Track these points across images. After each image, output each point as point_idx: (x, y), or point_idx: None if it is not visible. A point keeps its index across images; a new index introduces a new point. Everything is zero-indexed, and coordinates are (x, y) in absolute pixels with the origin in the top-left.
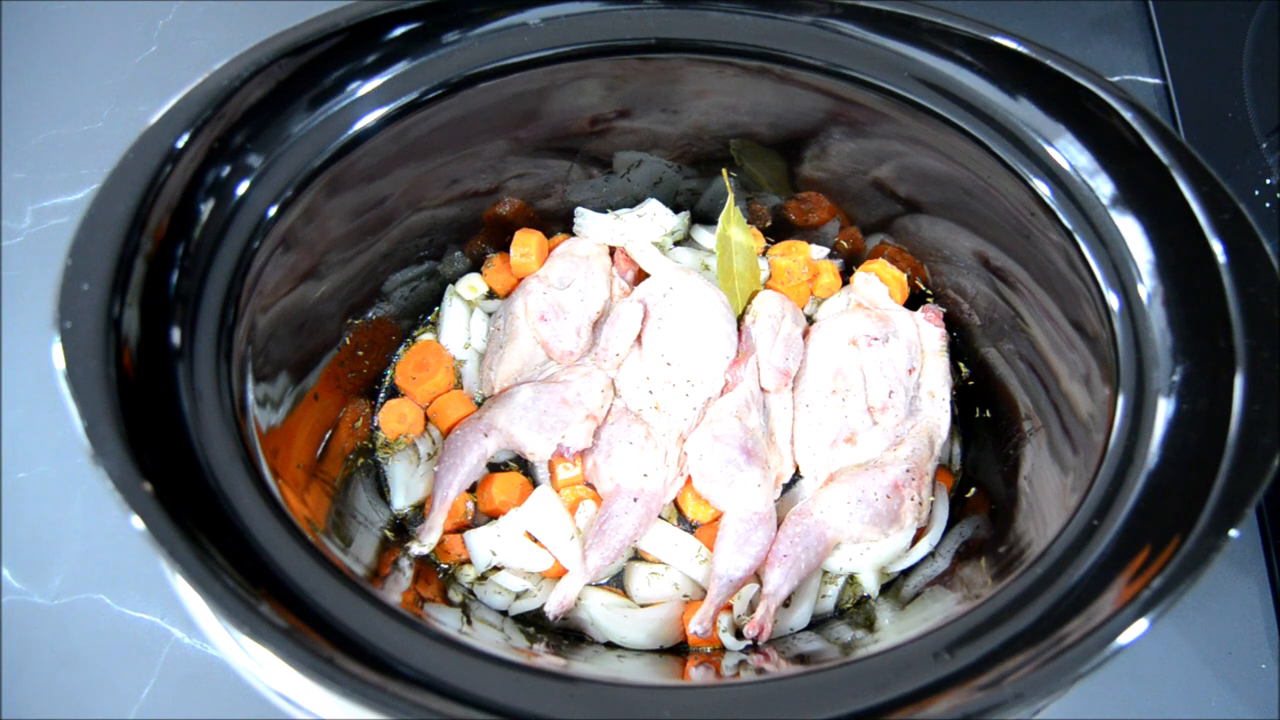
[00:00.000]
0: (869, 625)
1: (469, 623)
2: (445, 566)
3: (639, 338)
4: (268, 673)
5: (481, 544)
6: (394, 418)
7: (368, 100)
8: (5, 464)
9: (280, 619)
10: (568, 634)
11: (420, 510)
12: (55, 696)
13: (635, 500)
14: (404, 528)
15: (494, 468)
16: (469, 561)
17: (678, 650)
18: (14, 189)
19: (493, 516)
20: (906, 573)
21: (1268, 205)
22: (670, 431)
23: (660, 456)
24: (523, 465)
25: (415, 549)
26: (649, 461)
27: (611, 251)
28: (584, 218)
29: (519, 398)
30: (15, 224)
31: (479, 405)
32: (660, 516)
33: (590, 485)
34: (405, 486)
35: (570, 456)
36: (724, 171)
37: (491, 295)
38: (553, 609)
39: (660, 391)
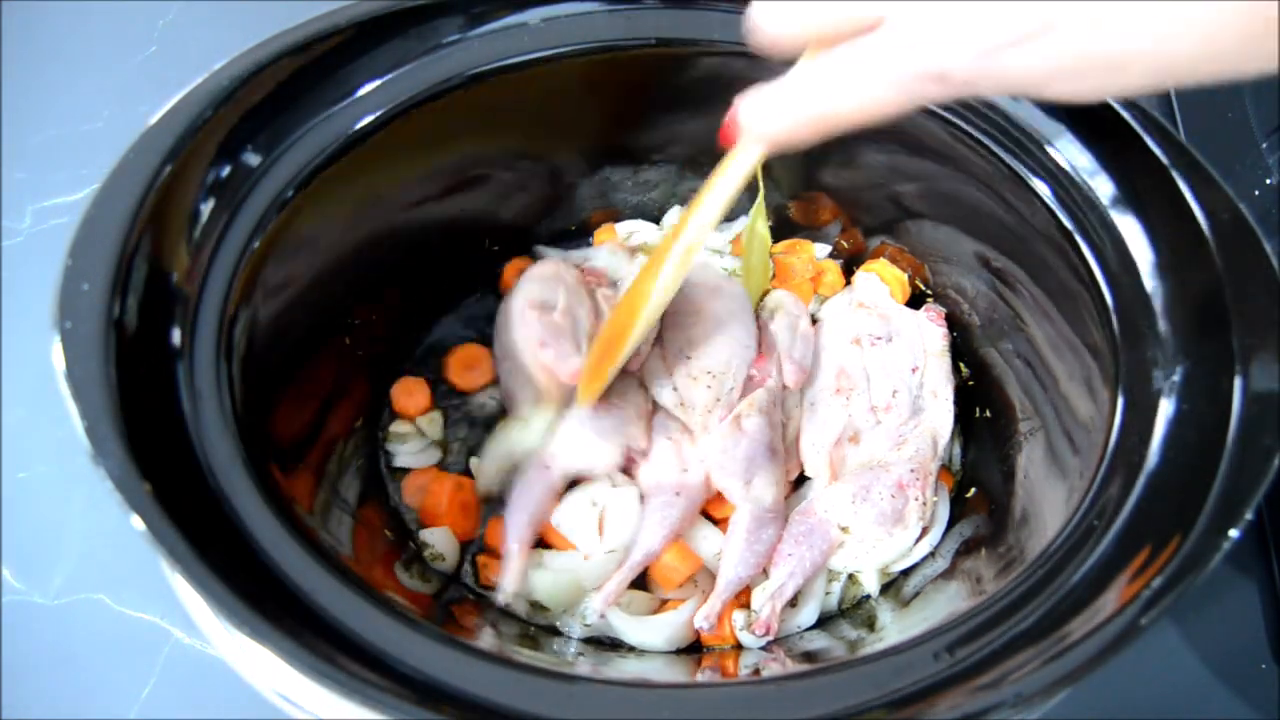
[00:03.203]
0: (870, 625)
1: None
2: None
3: (659, 334)
4: (268, 673)
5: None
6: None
7: (368, 100)
8: (5, 464)
9: (280, 619)
10: (591, 640)
11: (418, 508)
12: (55, 696)
13: (677, 494)
14: (404, 526)
15: None
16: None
17: (697, 649)
18: (14, 189)
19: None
20: (906, 573)
21: (1268, 205)
22: (699, 425)
23: (696, 451)
24: None
25: (500, 598)
26: (687, 456)
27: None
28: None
29: (570, 421)
30: (15, 224)
31: None
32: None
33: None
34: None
35: (638, 456)
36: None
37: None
38: (598, 605)
39: (684, 388)
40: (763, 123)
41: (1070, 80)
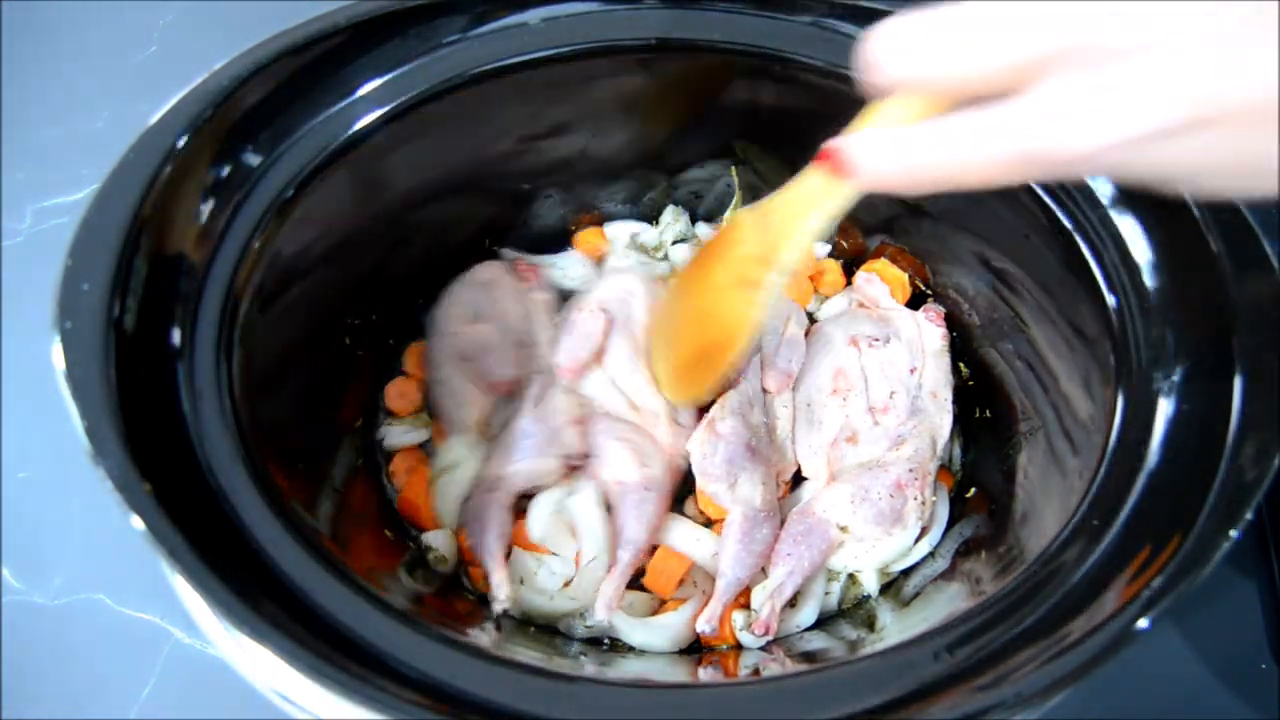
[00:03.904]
0: (870, 625)
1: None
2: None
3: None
4: (268, 673)
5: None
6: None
7: (368, 100)
8: (5, 464)
9: (280, 619)
10: (592, 640)
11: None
12: (55, 696)
13: (647, 490)
14: (402, 526)
15: None
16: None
17: (697, 649)
18: (14, 189)
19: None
20: (906, 573)
21: (1268, 205)
22: (650, 419)
23: (651, 444)
24: None
25: (496, 608)
26: (643, 450)
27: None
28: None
29: (506, 439)
30: (15, 224)
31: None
32: (683, 514)
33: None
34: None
35: (579, 461)
36: (733, 169)
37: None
38: (601, 612)
39: (632, 391)
40: (872, 167)
41: (1221, 178)
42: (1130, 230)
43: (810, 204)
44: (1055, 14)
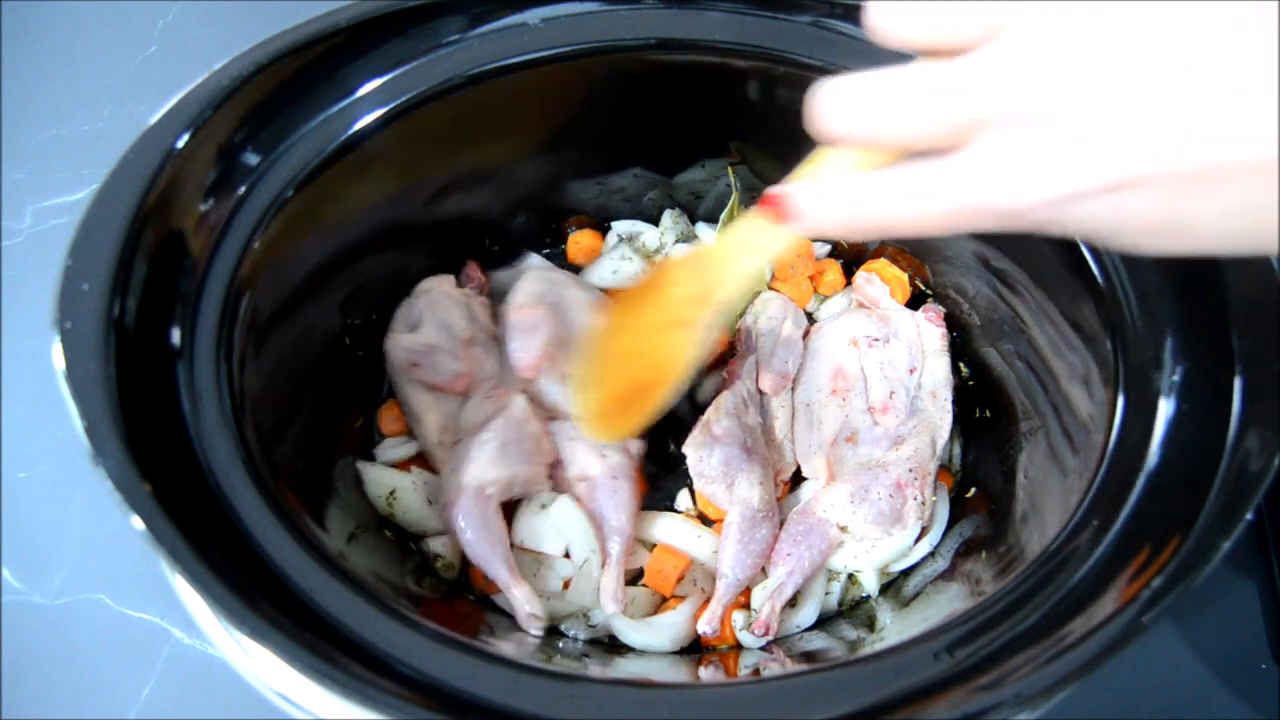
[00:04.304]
0: (870, 625)
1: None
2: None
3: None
4: (268, 673)
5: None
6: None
7: (368, 100)
8: (5, 464)
9: (280, 619)
10: (593, 640)
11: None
12: (55, 696)
13: (615, 478)
14: (401, 529)
15: None
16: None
17: (697, 649)
18: (14, 189)
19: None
20: (906, 573)
21: None
22: None
23: None
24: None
25: (533, 628)
26: (599, 442)
27: (457, 271)
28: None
29: (490, 447)
30: (15, 224)
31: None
32: (678, 511)
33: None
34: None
35: (552, 467)
36: (729, 169)
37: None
38: (607, 607)
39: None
40: (814, 215)
41: (1143, 236)
42: None
43: (750, 247)
44: (992, 78)
